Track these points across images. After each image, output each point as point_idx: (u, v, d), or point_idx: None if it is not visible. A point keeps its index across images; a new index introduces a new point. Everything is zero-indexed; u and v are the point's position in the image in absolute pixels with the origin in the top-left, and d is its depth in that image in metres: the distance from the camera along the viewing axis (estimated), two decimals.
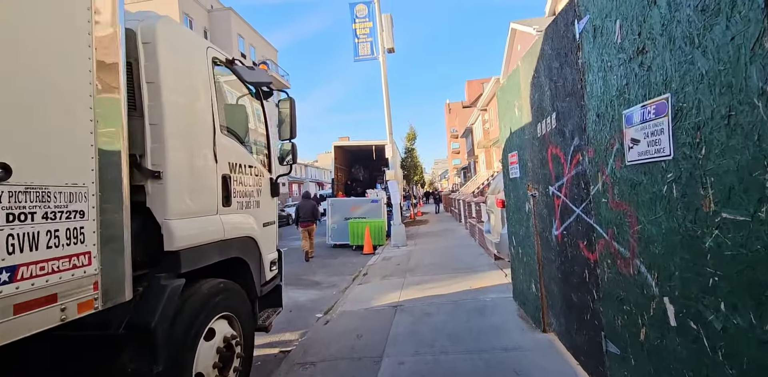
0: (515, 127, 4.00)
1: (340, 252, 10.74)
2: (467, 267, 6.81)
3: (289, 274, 7.97)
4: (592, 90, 2.25)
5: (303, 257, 10.02)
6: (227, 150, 2.92)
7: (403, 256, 8.79)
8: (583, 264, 2.62)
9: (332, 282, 7.19)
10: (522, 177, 3.90)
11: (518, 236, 4.22)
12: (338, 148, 16.37)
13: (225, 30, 33.68)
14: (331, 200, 11.75)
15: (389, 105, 9.97)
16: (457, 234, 11.91)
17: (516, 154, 4.05)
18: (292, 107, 3.59)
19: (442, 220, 18.68)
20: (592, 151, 2.30)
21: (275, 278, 3.75)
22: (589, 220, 2.45)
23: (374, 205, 11.58)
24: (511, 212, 4.44)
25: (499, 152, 23.94)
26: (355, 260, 9.34)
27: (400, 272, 7.13)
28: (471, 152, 40.65)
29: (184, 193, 2.39)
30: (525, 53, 3.51)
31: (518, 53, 18.58)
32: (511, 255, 4.61)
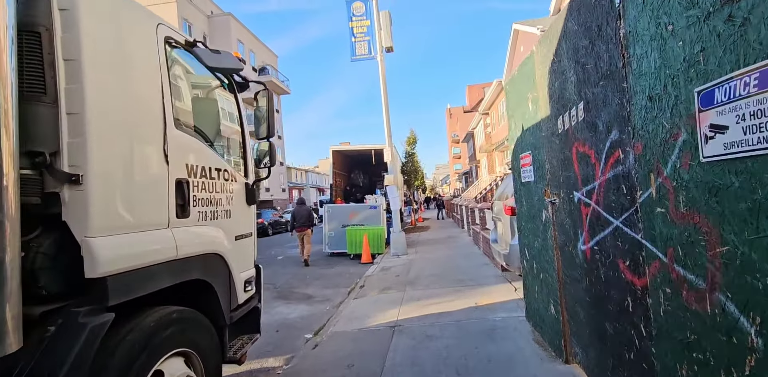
0: (529, 123, 3.48)
1: (337, 261, 10.19)
2: (471, 280, 6.26)
3: (282, 286, 7.44)
4: (640, 67, 1.73)
5: (300, 265, 9.50)
6: (185, 150, 2.41)
7: (403, 266, 8.25)
8: (623, 289, 2.09)
9: (326, 296, 6.64)
10: (537, 181, 3.38)
11: (532, 248, 3.69)
12: (337, 152, 15.88)
13: (224, 35, 33.43)
14: (328, 206, 11.24)
15: (388, 107, 9.49)
16: (460, 242, 11.36)
17: (529, 154, 3.53)
18: (269, 101, 3.09)
19: (444, 226, 18.13)
20: (641, 146, 1.78)
21: (251, 299, 3.22)
22: (634, 234, 1.92)
23: (373, 211, 11.05)
24: (523, 220, 3.91)
25: (502, 157, 23.43)
26: (352, 270, 8.80)
27: (399, 284, 6.58)
28: (472, 157, 40.16)
29: (114, 202, 1.87)
30: (541, 37, 3.00)
31: (521, 55, 18.14)
32: (524, 269, 4.07)
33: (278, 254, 12.36)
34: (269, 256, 12.12)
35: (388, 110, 9.47)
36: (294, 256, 11.69)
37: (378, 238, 10.22)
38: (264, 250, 13.88)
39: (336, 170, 16.43)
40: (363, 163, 17.63)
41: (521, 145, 3.78)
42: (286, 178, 44.25)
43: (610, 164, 2.12)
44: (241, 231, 3.09)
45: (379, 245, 10.26)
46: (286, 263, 10.46)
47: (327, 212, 11.09)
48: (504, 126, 23.11)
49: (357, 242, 10.17)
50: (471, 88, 70.26)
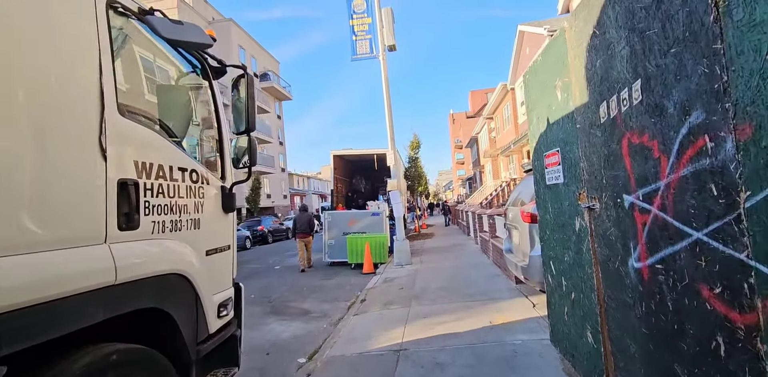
0: (557, 115, 2.97)
1: (337, 271, 9.64)
2: (483, 293, 5.70)
3: (277, 300, 6.90)
4: (751, 13, 1.22)
5: (298, 275, 8.95)
6: (133, 143, 1.90)
7: (408, 277, 7.69)
8: (710, 324, 1.56)
9: (324, 311, 6.10)
10: (568, 183, 2.86)
11: (560, 262, 3.15)
12: (338, 157, 15.41)
13: (225, 41, 33.25)
14: (328, 213, 10.71)
15: (390, 108, 9.02)
16: (467, 250, 10.80)
17: (557, 152, 3.01)
18: (249, 87, 2.59)
19: (449, 233, 17.56)
20: (750, 128, 1.26)
21: (228, 326, 2.69)
22: (733, 252, 1.39)
23: (375, 218, 10.52)
24: (548, 229, 3.38)
25: (507, 162, 22.89)
26: (353, 281, 8.25)
27: (404, 298, 6.03)
28: (476, 162, 39.64)
29: (15, 210, 1.36)
30: (577, 7, 2.50)
31: (527, 57, 17.71)
32: (548, 286, 3.53)
33: (276, 263, 11.83)
34: (267, 265, 11.59)
35: (390, 112, 9.00)
36: (292, 265, 11.15)
37: (380, 247, 9.68)
38: (262, 259, 13.35)
39: (337, 175, 15.96)
40: (365, 168, 17.15)
41: (546, 142, 3.26)
42: (288, 184, 43.83)
43: (687, 158, 1.59)
44: (215, 244, 2.57)
45: (381, 254, 9.71)
46: (283, 273, 9.92)
47: (327, 219, 10.56)
48: (509, 130, 22.61)
49: (358, 251, 9.63)
50: (474, 93, 70.07)
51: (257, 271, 10.58)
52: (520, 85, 19.71)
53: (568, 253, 2.95)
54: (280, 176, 39.37)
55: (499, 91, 22.48)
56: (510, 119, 22.63)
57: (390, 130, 8.97)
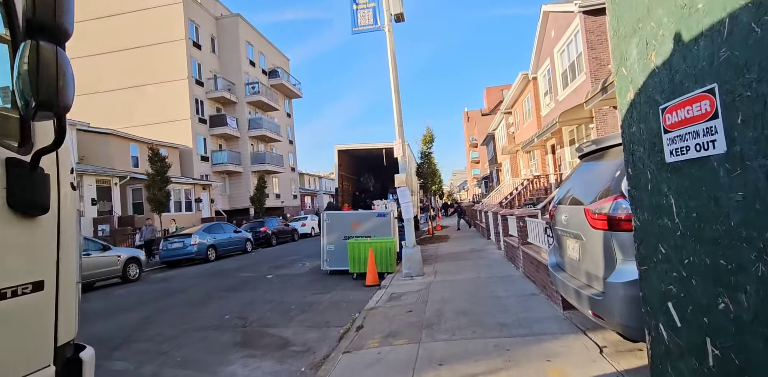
0: (695, 29, 1.46)
1: (336, 282, 8.21)
2: (521, 324, 4.19)
3: (254, 323, 5.49)
4: None
5: (289, 289, 7.53)
6: None
7: (418, 294, 6.20)
8: None
9: (308, 343, 4.66)
10: (743, 153, 1.35)
11: (705, 310, 1.64)
12: (343, 153, 13.98)
13: (233, 37, 32.30)
14: (328, 214, 9.28)
15: (397, 88, 7.51)
16: (489, 258, 9.25)
17: (707, 95, 1.50)
18: None
19: (466, 236, 15.98)
20: None
21: None
22: None
23: (381, 220, 9.06)
24: (665, 244, 1.87)
25: (528, 158, 21.16)
26: (352, 297, 6.80)
27: (412, 327, 4.55)
28: (493, 160, 37.84)
29: None
30: None
31: (551, 41, 16.04)
32: (659, 342, 2.01)
33: (272, 271, 10.45)
34: (261, 273, 10.22)
35: (398, 92, 7.49)
36: (289, 274, 9.77)
37: (387, 253, 8.21)
38: (258, 265, 12.00)
39: (343, 172, 14.54)
40: (373, 165, 15.71)
41: (671, 82, 1.74)
42: (298, 184, 42.69)
43: None
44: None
45: (388, 262, 8.24)
46: (275, 284, 8.53)
47: (326, 221, 9.14)
48: (530, 124, 20.92)
49: (361, 259, 8.18)
50: (489, 90, 68.23)
51: (246, 281, 9.21)
52: (543, 73, 18.03)
53: (739, 296, 1.44)
54: (289, 175, 38.23)
55: (519, 82, 20.78)
56: (531, 111, 20.92)
57: (397, 114, 7.47)
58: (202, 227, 15.00)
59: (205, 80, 29.17)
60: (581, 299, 3.00)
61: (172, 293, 8.50)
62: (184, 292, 8.46)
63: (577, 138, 14.76)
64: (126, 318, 6.44)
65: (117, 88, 28.24)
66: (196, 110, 28.02)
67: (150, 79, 27.66)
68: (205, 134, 28.77)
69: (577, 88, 13.83)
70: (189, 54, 27.69)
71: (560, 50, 15.36)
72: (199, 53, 29.04)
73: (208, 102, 29.46)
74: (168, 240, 14.21)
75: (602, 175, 3.04)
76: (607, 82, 8.63)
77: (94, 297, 8.84)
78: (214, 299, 7.47)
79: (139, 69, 27.74)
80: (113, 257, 10.38)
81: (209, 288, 8.71)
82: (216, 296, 7.74)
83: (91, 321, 6.50)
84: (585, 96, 11.33)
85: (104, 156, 22.49)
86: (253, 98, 31.79)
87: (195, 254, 13.79)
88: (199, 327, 5.60)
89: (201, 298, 7.63)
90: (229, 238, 15.65)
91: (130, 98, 28.03)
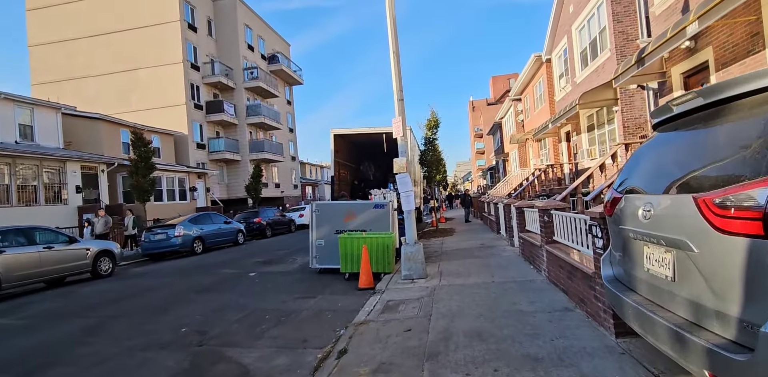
0: None
1: (325, 283, 7.09)
2: (560, 358, 3.03)
3: (213, 339, 4.37)
4: None
5: (270, 293, 6.41)
6: None
7: (420, 303, 5.06)
8: None
9: (271, 372, 3.53)
10: None
11: None
12: (339, 137, 12.79)
13: (231, 20, 30.88)
14: (316, 204, 8.12)
15: (397, 53, 6.20)
16: (502, 255, 8.08)
17: None
18: None
19: (473, 229, 14.81)
20: None
21: None
22: None
23: (379, 212, 7.89)
24: None
25: (538, 147, 19.82)
26: (340, 304, 5.67)
27: (411, 358, 3.41)
28: (499, 150, 36.46)
29: None
30: None
31: (569, 17, 14.63)
32: None
33: (258, 267, 9.35)
34: (244, 270, 9.11)
35: (397, 58, 6.18)
36: (275, 272, 8.66)
37: (384, 251, 7.05)
38: (244, 259, 10.90)
39: (340, 159, 13.37)
40: (373, 152, 14.50)
41: None
42: (299, 174, 41.55)
43: None
44: None
45: (385, 260, 7.09)
46: (254, 286, 7.41)
47: (315, 212, 7.98)
48: (542, 110, 19.57)
49: (354, 257, 7.04)
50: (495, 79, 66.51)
51: (225, 280, 8.11)
52: (559, 54, 16.62)
53: None
54: (290, 164, 37.08)
55: (531, 64, 19.35)
56: (543, 97, 19.55)
57: (397, 84, 6.20)
58: (188, 217, 13.91)
59: (202, 65, 27.86)
60: (685, 347, 1.82)
61: (139, 293, 7.41)
62: (151, 292, 7.37)
63: (597, 123, 13.45)
64: (67, 328, 5.36)
65: (110, 72, 27.01)
66: (192, 96, 26.79)
67: (144, 63, 26.40)
68: (202, 121, 27.57)
69: (599, 68, 12.48)
70: (184, 37, 26.34)
71: (579, 27, 13.96)
72: (194, 36, 27.68)
73: (205, 87, 28.20)
74: (151, 231, 13.13)
75: (723, 145, 1.84)
76: (645, 52, 7.35)
77: (51, 296, 7.79)
78: (180, 303, 6.37)
79: (132, 52, 26.47)
80: (80, 250, 9.30)
81: (182, 287, 7.62)
82: (185, 298, 6.64)
83: (26, 329, 5.42)
84: (613, 72, 10.03)
85: (93, 142, 21.38)
86: (251, 84, 30.47)
87: (179, 247, 12.72)
88: (147, 343, 4.49)
89: (166, 301, 6.54)
90: (218, 229, 14.57)
91: (124, 82, 26.82)
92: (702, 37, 7.44)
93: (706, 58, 7.41)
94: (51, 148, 18.06)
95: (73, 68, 27.28)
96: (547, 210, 5.51)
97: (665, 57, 8.56)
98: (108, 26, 26.81)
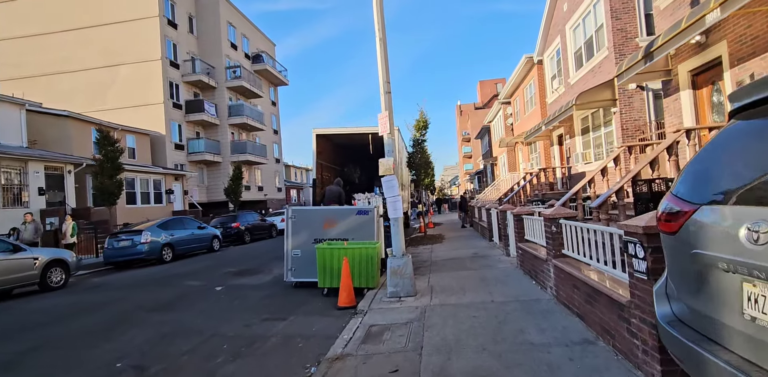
0: None
1: (299, 300, 6.24)
2: None
3: None
4: None
5: (234, 313, 5.52)
6: None
7: (408, 330, 4.25)
8: None
9: None
10: None
11: None
12: (322, 138, 11.96)
13: (213, 17, 29.84)
14: (292, 209, 7.26)
15: (384, 40, 5.45)
16: (498, 267, 7.34)
17: None
18: None
19: (463, 236, 14.09)
20: None
21: None
22: None
23: (362, 219, 7.07)
24: None
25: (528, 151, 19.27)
26: (315, 328, 4.83)
27: None
28: (487, 154, 35.99)
29: None
30: None
31: (563, 16, 14.11)
32: None
33: (227, 279, 8.43)
34: (209, 283, 8.16)
35: (384, 45, 5.40)
36: (245, 285, 7.76)
37: (367, 263, 6.23)
38: (214, 269, 9.95)
39: (323, 161, 12.54)
40: (359, 154, 13.73)
41: None
42: (284, 176, 40.47)
43: None
44: None
45: (369, 274, 6.27)
46: (218, 303, 6.50)
47: (290, 218, 7.12)
48: (533, 113, 19.04)
49: (333, 270, 6.21)
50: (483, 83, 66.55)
51: (186, 294, 7.18)
52: (551, 54, 16.09)
53: None
54: (273, 167, 36.01)
55: (522, 66, 18.84)
56: (534, 99, 19.05)
57: (383, 74, 5.42)
58: (157, 222, 12.85)
59: (182, 62, 26.74)
60: None
61: (83, 311, 6.44)
62: (99, 310, 6.41)
63: (592, 125, 12.89)
64: None
65: (84, 69, 25.69)
66: (171, 94, 25.65)
67: (120, 59, 25.20)
68: (181, 121, 26.42)
69: (595, 68, 11.94)
70: (163, 33, 25.24)
71: (574, 26, 13.44)
72: (174, 33, 26.57)
73: (185, 86, 27.07)
74: (115, 237, 12.06)
75: None
76: (654, 46, 6.74)
77: None
78: (128, 324, 5.45)
79: (108, 48, 25.24)
80: (27, 260, 8.26)
81: (136, 303, 6.67)
82: (134, 319, 5.71)
83: None
84: (614, 71, 9.45)
85: (62, 141, 20.10)
86: (234, 83, 29.43)
87: (145, 255, 11.67)
88: None
89: (110, 322, 5.60)
90: (190, 235, 13.54)
91: (99, 79, 25.53)
92: (714, 31, 6.86)
93: (718, 54, 6.82)
94: (13, 146, 16.80)
95: (45, 64, 25.91)
96: (554, 219, 4.78)
97: (671, 54, 7.98)
98: (83, 21, 25.58)
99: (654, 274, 2.54)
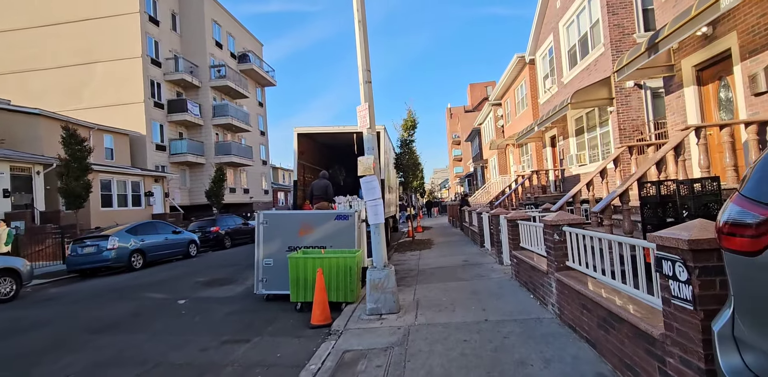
0: None
1: (270, 316, 5.53)
2: None
3: None
4: None
5: (195, 334, 4.78)
6: None
7: (388, 359, 3.58)
8: None
9: None
10: None
11: None
12: (304, 137, 11.27)
13: (197, 14, 28.94)
14: (263, 214, 6.56)
15: (363, 22, 4.81)
16: (491, 277, 6.71)
17: None
18: None
19: (453, 241, 13.46)
20: None
21: None
22: None
23: (342, 224, 6.39)
24: None
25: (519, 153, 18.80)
26: (280, 353, 4.13)
27: None
28: (478, 157, 35.56)
29: None
30: None
31: (556, 13, 13.65)
32: None
33: (192, 291, 7.67)
34: (173, 295, 7.39)
35: (364, 27, 4.77)
36: (211, 298, 7.02)
37: (346, 274, 5.55)
38: (182, 280, 9.16)
39: (305, 162, 11.82)
40: (344, 155, 13.05)
41: None
42: (271, 179, 39.58)
43: None
44: None
45: (347, 287, 5.59)
46: (178, 320, 5.76)
47: (262, 223, 6.42)
48: (524, 115, 18.58)
49: (307, 282, 5.51)
50: (473, 86, 66.37)
51: (142, 310, 6.40)
52: (543, 53, 15.63)
53: None
54: (260, 169, 35.12)
55: (513, 66, 18.37)
56: (526, 100, 18.59)
57: (363, 59, 4.77)
58: (126, 227, 11.99)
59: (164, 60, 25.81)
60: None
61: (20, 330, 5.65)
62: (38, 329, 5.62)
63: (586, 126, 12.40)
64: None
65: (60, 66, 24.62)
66: (152, 93, 24.69)
67: (98, 56, 24.19)
68: (162, 121, 25.46)
69: (590, 66, 11.45)
70: (144, 30, 24.31)
71: (567, 23, 12.98)
72: (156, 30, 25.64)
73: (167, 85, 26.13)
74: (80, 243, 11.19)
75: None
76: (660, 36, 6.22)
77: None
78: (62, 349, 4.68)
79: (86, 45, 24.23)
80: None
81: (83, 321, 5.89)
82: (74, 341, 4.95)
83: None
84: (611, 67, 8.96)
85: (32, 141, 19.09)
86: (218, 83, 28.53)
87: (112, 262, 10.82)
88: None
89: (46, 346, 4.83)
90: (163, 241, 12.70)
91: (76, 77, 24.47)
92: (722, 22, 6.35)
93: (727, 46, 6.31)
94: None
95: (18, 61, 24.79)
96: (557, 226, 4.16)
97: (674, 48, 7.48)
98: (59, 16, 24.55)
99: (702, 303, 1.92)
